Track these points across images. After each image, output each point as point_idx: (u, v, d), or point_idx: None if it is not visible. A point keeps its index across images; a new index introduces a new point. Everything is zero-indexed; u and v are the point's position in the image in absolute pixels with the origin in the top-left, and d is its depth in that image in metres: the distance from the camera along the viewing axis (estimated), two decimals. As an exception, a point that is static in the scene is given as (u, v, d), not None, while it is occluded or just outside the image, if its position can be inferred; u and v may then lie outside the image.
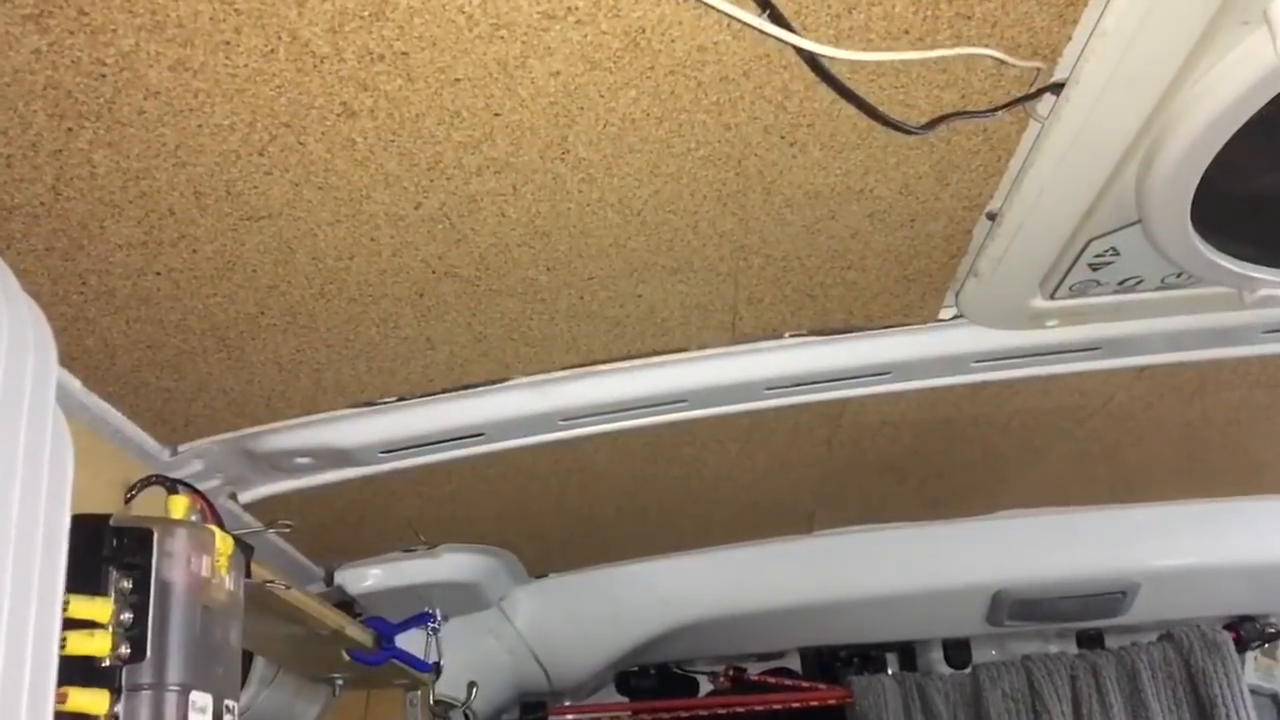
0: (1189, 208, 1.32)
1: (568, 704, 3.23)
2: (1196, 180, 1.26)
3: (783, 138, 1.25)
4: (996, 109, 1.18)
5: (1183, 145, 1.20)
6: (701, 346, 1.75)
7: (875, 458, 2.36)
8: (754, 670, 3.21)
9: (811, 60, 1.04)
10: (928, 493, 2.66)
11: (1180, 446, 2.44)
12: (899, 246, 1.52)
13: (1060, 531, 2.79)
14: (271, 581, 1.62)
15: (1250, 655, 3.25)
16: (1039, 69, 1.14)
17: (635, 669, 3.16)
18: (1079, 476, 2.60)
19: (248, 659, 2.29)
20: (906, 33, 1.10)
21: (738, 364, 1.78)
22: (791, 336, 1.75)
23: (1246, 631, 3.11)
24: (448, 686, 2.70)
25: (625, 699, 3.16)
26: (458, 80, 1.07)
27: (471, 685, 2.68)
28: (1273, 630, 3.21)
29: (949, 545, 2.81)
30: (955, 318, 1.72)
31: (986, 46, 1.09)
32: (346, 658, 2.20)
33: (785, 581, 2.87)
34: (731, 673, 3.15)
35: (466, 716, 2.84)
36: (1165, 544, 2.82)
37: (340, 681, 2.45)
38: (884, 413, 2.09)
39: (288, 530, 1.85)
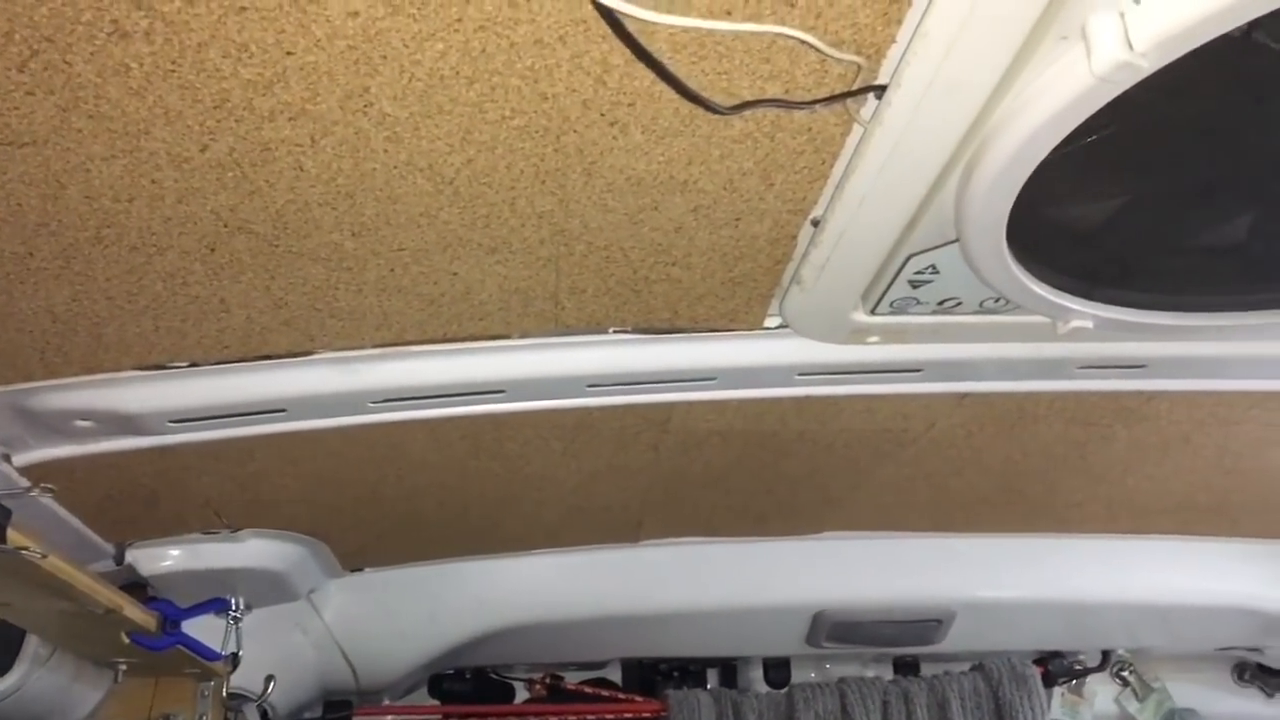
0: (1005, 228, 1.32)
1: (384, 704, 3.11)
2: (1012, 199, 1.26)
3: (603, 115, 1.20)
4: (813, 102, 1.15)
5: (1000, 161, 1.19)
6: (524, 335, 1.69)
7: (703, 468, 2.33)
8: (572, 679, 3.15)
9: (611, 18, 0.99)
10: (755, 509, 2.65)
11: (999, 479, 2.48)
12: (724, 246, 1.49)
13: (882, 556, 2.81)
14: (26, 549, 1.48)
15: (1058, 691, 3.33)
16: (859, 65, 1.12)
17: (450, 672, 3.06)
18: (902, 502, 2.62)
19: (19, 635, 2.13)
20: (729, 13, 1.07)
21: (560, 357, 1.72)
22: (615, 332, 1.70)
23: (1055, 667, 3.19)
24: (246, 679, 2.56)
25: (437, 702, 3.05)
26: (244, 9, 0.99)
27: (269, 679, 2.55)
28: (1080, 668, 3.31)
29: (773, 563, 2.81)
30: (780, 327, 1.70)
31: (800, 31, 1.06)
32: (127, 641, 2.05)
33: (609, 590, 2.82)
34: (548, 680, 3.08)
35: (266, 713, 2.70)
36: (982, 575, 2.87)
37: (123, 666, 2.29)
38: (711, 421, 2.06)
39: (52, 494, 1.71)
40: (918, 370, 1.84)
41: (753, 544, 2.81)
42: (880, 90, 1.17)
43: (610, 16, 0.97)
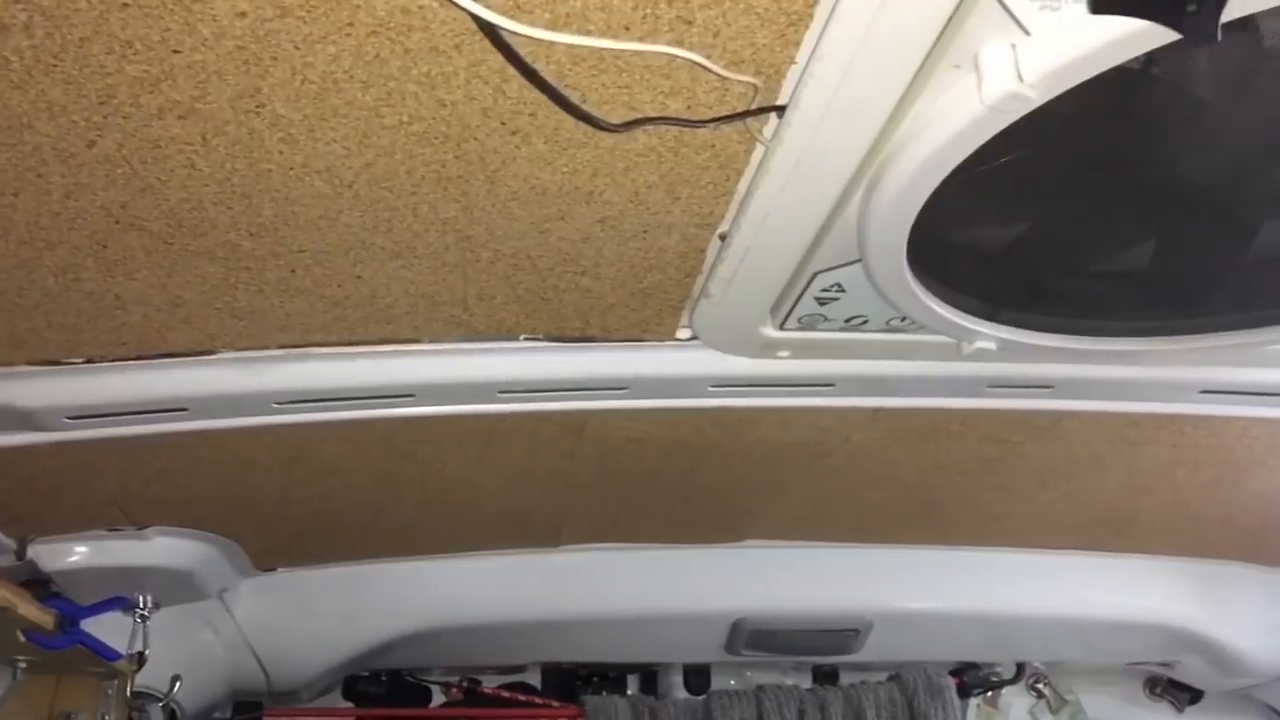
0: (905, 250, 1.33)
1: (296, 706, 3.07)
2: (910, 221, 1.27)
3: (503, 124, 1.19)
4: (709, 121, 1.15)
5: (897, 184, 1.20)
6: (434, 340, 1.68)
7: (621, 475, 2.33)
8: (491, 683, 3.13)
9: (491, 33, 0.98)
10: (675, 516, 2.65)
11: (916, 492, 2.51)
12: (633, 257, 1.48)
13: (801, 566, 2.82)
14: (-96, 544, 1.44)
15: (974, 702, 3.37)
16: (755, 86, 1.12)
17: (366, 674, 3.03)
18: (821, 513, 2.63)
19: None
20: (627, 29, 1.06)
21: (470, 362, 1.71)
22: (527, 339, 1.69)
23: (970, 679, 3.23)
24: (152, 678, 2.51)
25: (351, 704, 3.02)
26: (126, 5, 0.97)
27: (175, 679, 2.50)
28: (996, 679, 3.35)
29: (693, 571, 2.81)
30: (692, 339, 1.70)
31: (693, 51, 1.06)
32: (23, 639, 2.00)
33: (528, 595, 2.81)
34: (465, 684, 3.06)
35: (174, 713, 2.65)
36: (900, 587, 2.89)
37: (22, 664, 2.23)
38: (627, 430, 2.05)
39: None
40: (830, 385, 1.85)
41: (673, 551, 2.81)
42: (781, 110, 1.17)
43: (491, 31, 0.96)
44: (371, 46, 1.05)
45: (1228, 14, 0.92)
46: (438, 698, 3.12)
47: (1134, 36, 0.97)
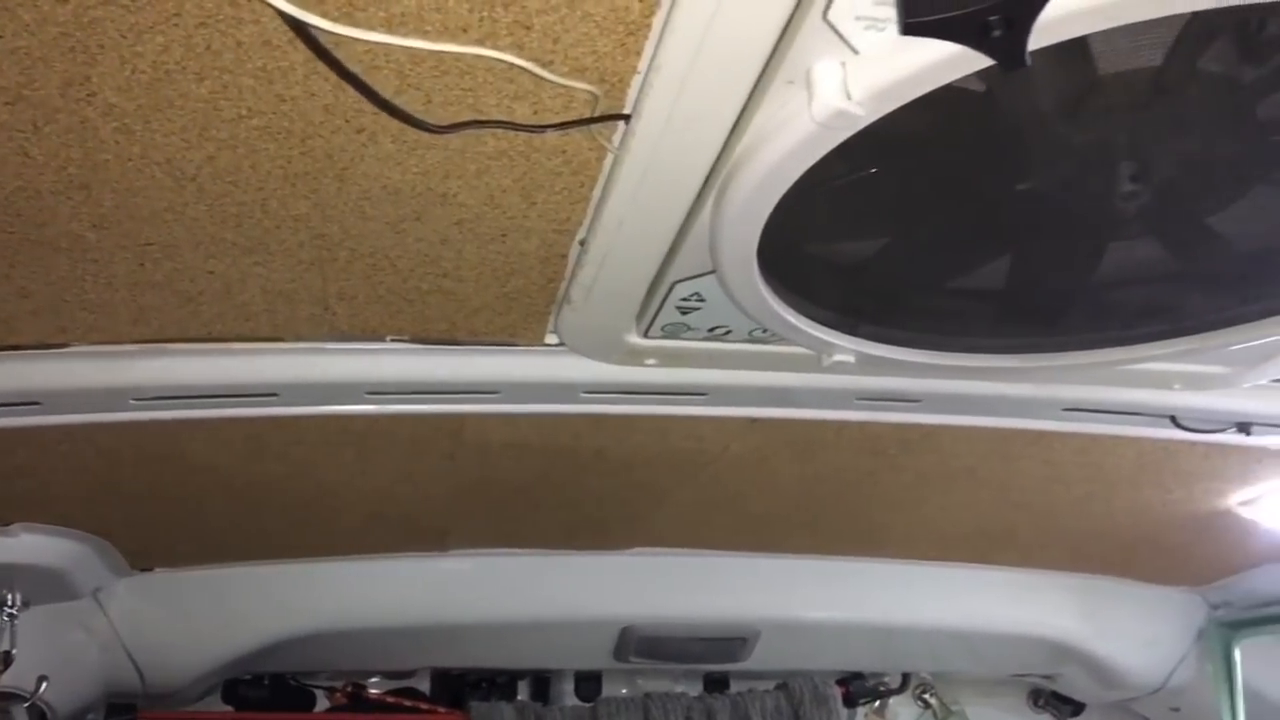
0: (755, 262, 1.34)
1: (179, 710, 3.00)
2: (758, 233, 1.28)
3: (348, 122, 1.18)
4: (545, 127, 1.16)
5: (742, 196, 1.21)
6: (298, 338, 1.66)
7: (504, 480, 2.32)
8: (379, 688, 3.09)
9: (301, 31, 0.97)
10: (563, 522, 2.64)
11: (799, 502, 2.53)
12: (494, 261, 1.48)
13: (689, 573, 2.84)
14: None
15: (861, 711, 3.41)
16: (594, 93, 1.12)
17: (248, 678, 2.97)
18: (707, 521, 2.65)
19: None
20: (464, 30, 1.06)
21: (335, 362, 1.69)
22: (393, 340, 1.68)
23: (856, 688, 3.27)
24: (19, 678, 2.44)
25: (231, 708, 2.96)
26: (-63, -13, 0.95)
27: (41, 679, 2.43)
28: (883, 689, 3.39)
29: (582, 577, 2.81)
30: (559, 345, 1.70)
31: (524, 56, 1.06)
32: None
33: (415, 599, 2.78)
34: (350, 689, 3.02)
35: (44, 713, 2.58)
36: (787, 595, 2.91)
37: (-125, 663, 2.16)
38: (505, 434, 2.05)
39: None
40: (703, 394, 1.86)
41: (562, 557, 2.80)
42: (626, 118, 1.18)
43: (299, 27, 0.95)
44: (202, 38, 1.04)
45: (1038, 41, 0.95)
46: (322, 703, 3.07)
47: (955, 58, 0.99)
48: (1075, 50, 1.11)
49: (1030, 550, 2.88)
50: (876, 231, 1.45)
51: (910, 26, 0.90)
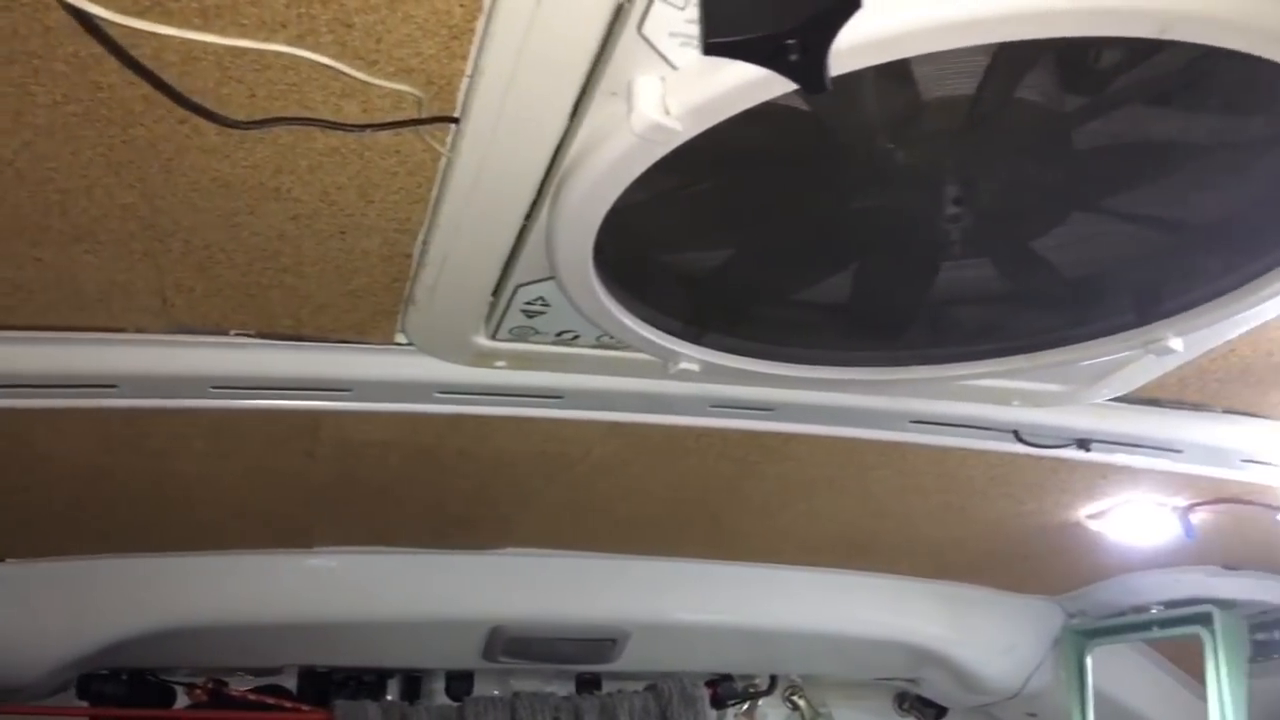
0: (592, 269, 1.35)
1: (29, 704, 2.91)
2: (591, 240, 1.29)
3: (170, 111, 1.15)
4: (362, 126, 1.15)
5: (571, 204, 1.22)
6: (139, 330, 1.62)
7: (366, 478, 2.30)
8: (241, 686, 3.04)
9: (84, 19, 0.95)
10: (430, 521, 2.63)
11: (667, 506, 2.55)
12: (336, 258, 1.46)
13: (560, 574, 2.85)
14: None
15: (731, 713, 3.44)
16: (415, 95, 1.12)
17: (104, 672, 2.89)
18: (576, 522, 2.66)
19: None
20: (284, 26, 1.05)
21: (176, 355, 1.66)
22: (237, 334, 1.65)
23: (724, 690, 3.31)
24: None
25: (85, 703, 2.88)
26: None
27: None
28: (753, 690, 3.43)
29: (452, 576, 2.80)
30: (408, 344, 1.69)
31: (338, 54, 1.05)
32: None
33: (279, 596, 2.74)
34: (210, 685, 2.96)
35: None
36: (657, 597, 2.94)
37: None
38: (364, 432, 2.03)
39: None
40: (558, 397, 1.86)
41: (431, 556, 2.79)
42: (456, 120, 1.17)
43: (83, 18, 0.93)
44: (7, 21, 1.01)
45: (845, 66, 0.97)
46: (183, 699, 3.00)
47: (767, 79, 1.00)
48: (898, 74, 1.14)
49: (894, 557, 2.95)
50: (719, 242, 1.47)
51: (711, 47, 0.91)
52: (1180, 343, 1.54)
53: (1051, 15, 0.93)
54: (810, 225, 1.45)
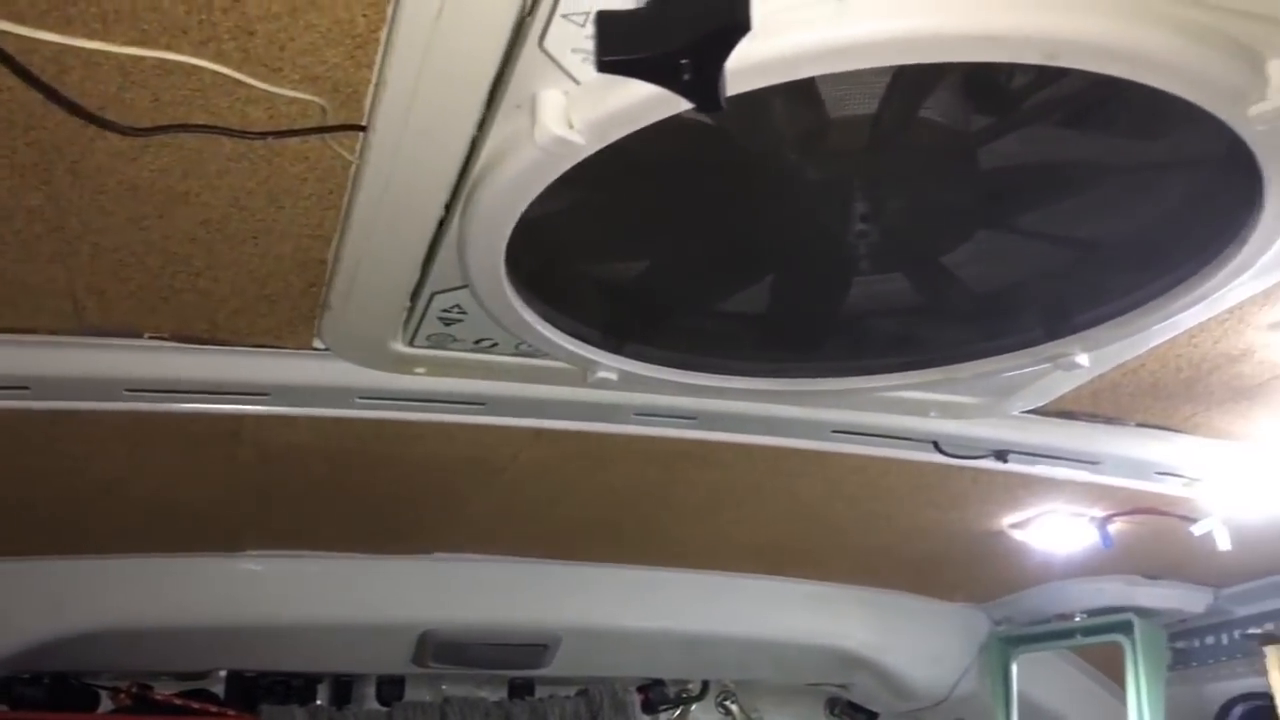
0: (504, 278, 1.35)
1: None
2: (502, 252, 1.29)
3: (71, 115, 1.14)
4: (263, 134, 1.15)
5: (480, 215, 1.23)
6: (51, 331, 1.60)
7: (292, 482, 2.28)
8: (167, 690, 3.00)
9: None
10: (359, 525, 2.61)
11: (598, 511, 2.56)
12: (249, 262, 1.46)
13: (491, 579, 2.84)
14: None
15: (663, 718, 3.45)
16: (320, 104, 1.12)
17: (26, 676, 2.84)
18: (507, 528, 2.66)
19: None
20: (184, 32, 1.04)
21: (88, 357, 1.64)
22: (151, 338, 1.64)
23: (656, 694, 3.32)
24: None
25: (6, 707, 2.83)
26: None
27: None
28: (686, 696, 3.45)
29: (381, 581, 2.79)
30: (326, 350, 1.68)
31: (233, 64, 1.05)
32: None
33: (205, 599, 2.71)
34: (135, 690, 2.92)
35: None
36: (589, 603, 2.94)
37: None
38: (286, 436, 2.01)
39: None
40: (481, 404, 1.86)
41: (362, 560, 2.78)
42: (363, 129, 1.17)
43: None
44: (-103, 21, 1.00)
45: (739, 86, 0.98)
46: (106, 704, 2.96)
47: (667, 96, 1.01)
48: (804, 92, 1.15)
49: (824, 564, 2.97)
50: (636, 253, 1.48)
51: (605, 65, 0.92)
52: (1087, 358, 1.57)
53: (938, 42, 0.95)
54: (725, 238, 1.46)
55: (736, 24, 0.87)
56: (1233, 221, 1.28)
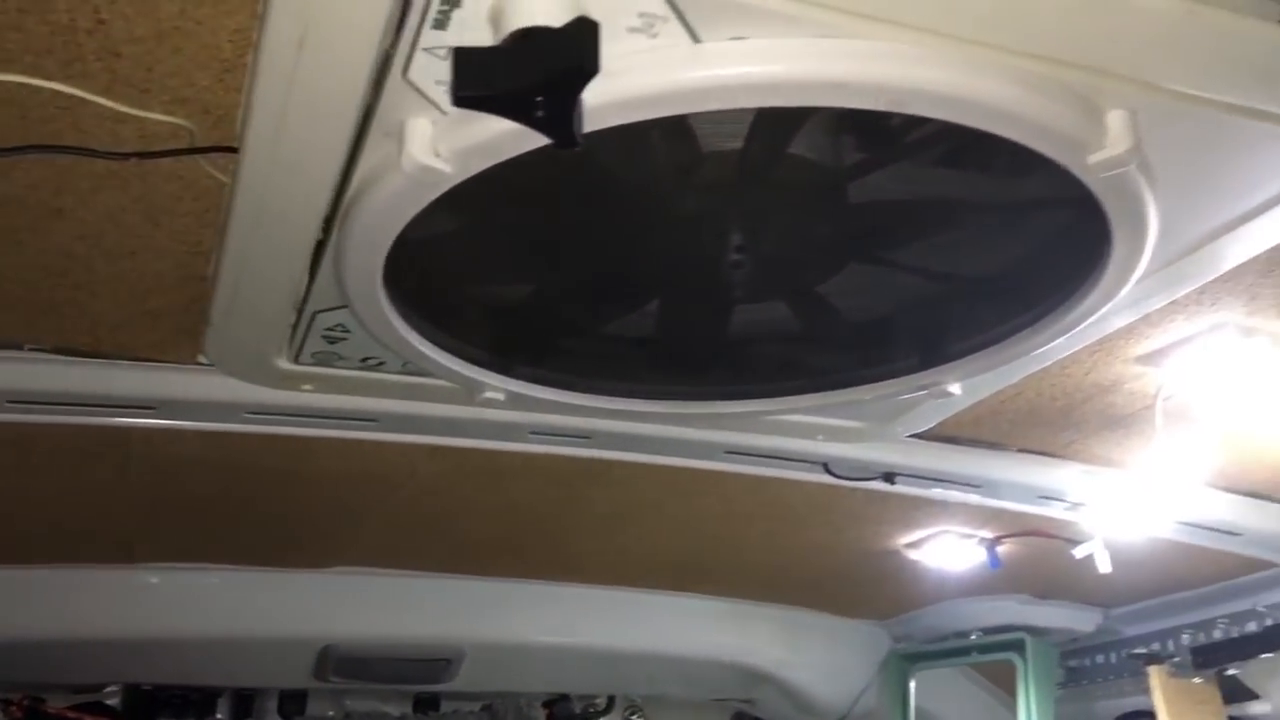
0: (382, 299, 1.36)
1: None
2: (378, 273, 1.30)
3: (-65, 129, 1.14)
4: (125, 155, 1.15)
5: (355, 238, 1.23)
6: (-73, 343, 1.58)
7: (185, 495, 2.26)
8: (60, 703, 2.94)
9: None
10: (257, 538, 2.59)
11: (500, 527, 2.56)
12: (129, 277, 1.45)
13: (393, 594, 2.83)
14: None
15: (572, 730, 3.46)
16: (189, 128, 1.13)
17: (-90, 690, 2.78)
18: (409, 543, 2.65)
19: None
20: (49, 52, 1.04)
21: (-34, 369, 1.62)
22: (31, 350, 1.62)
23: (560, 709, 3.33)
24: None
25: (-114, 722, 2.77)
26: None
27: None
28: (592, 710, 3.46)
29: (280, 595, 2.76)
30: (211, 365, 1.68)
31: (86, 87, 1.05)
32: None
33: (101, 611, 2.66)
34: (26, 702, 2.86)
35: None
36: (493, 618, 2.94)
37: None
38: (176, 450, 1.99)
39: None
40: (373, 420, 1.86)
41: (261, 574, 2.75)
42: (234, 150, 1.18)
43: None
44: None
45: (598, 123, 1.00)
46: None
47: (519, 135, 1.02)
48: (678, 127, 1.18)
49: (728, 581, 3.01)
50: (520, 277, 1.50)
51: (460, 100, 0.94)
52: (959, 387, 1.62)
53: (789, 87, 0.99)
54: (609, 264, 1.49)
55: (584, 67, 0.89)
56: (1089, 260, 1.33)
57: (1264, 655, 2.52)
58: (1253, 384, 1.66)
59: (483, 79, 0.93)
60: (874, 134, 1.25)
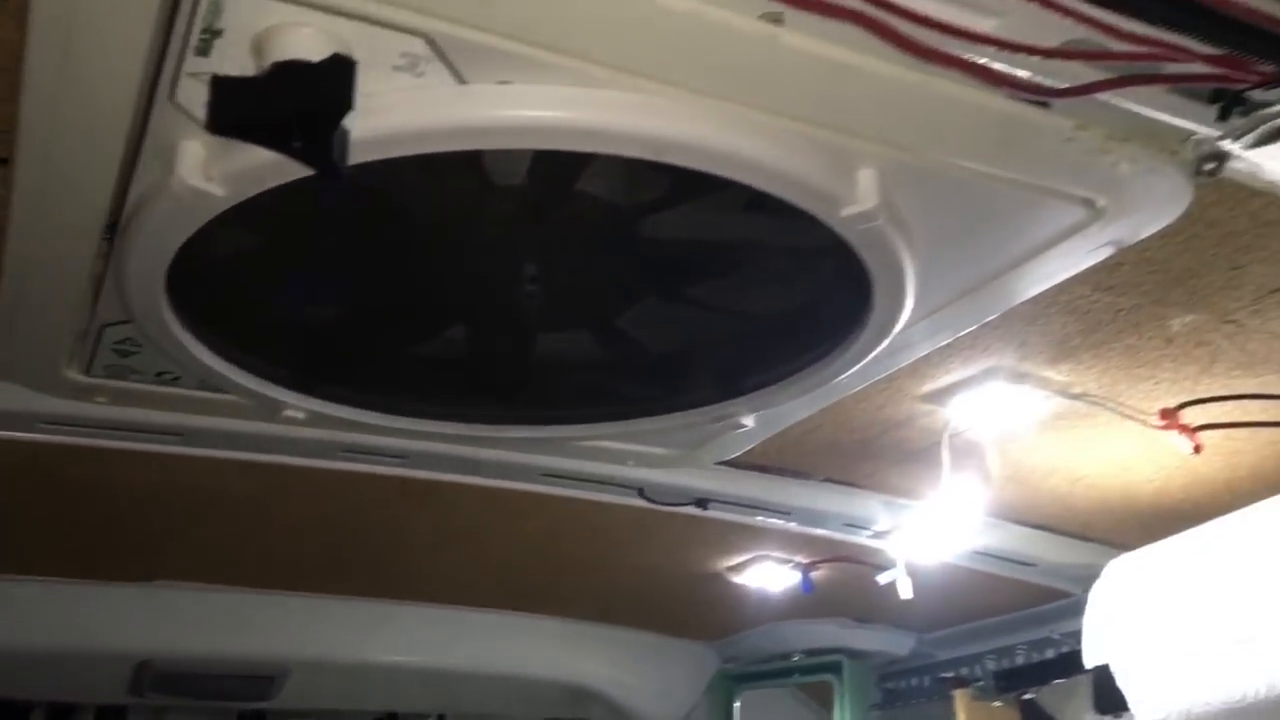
0: (166, 316, 1.35)
1: None
2: (159, 291, 1.30)
3: None
4: None
5: (133, 257, 1.23)
6: None
7: (-9, 503, 2.19)
8: None
9: None
10: (69, 550, 2.51)
11: (322, 545, 2.54)
12: (-98, 277, 1.41)
13: (215, 609, 2.77)
14: None
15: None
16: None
17: None
18: (229, 558, 2.60)
19: None
20: None
21: None
22: None
23: (392, 728, 3.31)
24: None
25: None
26: None
27: None
28: (427, 728, 3.44)
29: (94, 608, 2.67)
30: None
31: None
32: None
33: (-97, 621, 2.55)
34: None
35: None
36: (319, 635, 2.90)
37: None
38: (-29, 456, 1.93)
39: None
40: (178, 434, 1.83)
41: (73, 586, 2.66)
42: (6, 162, 1.16)
43: None
44: None
45: (362, 156, 1.02)
46: None
47: (280, 165, 1.02)
48: (468, 160, 1.21)
49: (558, 600, 3.03)
50: (318, 297, 1.51)
51: (216, 127, 0.95)
52: (752, 419, 1.68)
53: (549, 131, 1.02)
54: (411, 287, 1.50)
55: (337, 102, 0.91)
56: (859, 304, 1.40)
57: (1059, 680, 2.64)
58: (1026, 426, 1.76)
59: (239, 108, 0.94)
60: (660, 176, 1.30)
